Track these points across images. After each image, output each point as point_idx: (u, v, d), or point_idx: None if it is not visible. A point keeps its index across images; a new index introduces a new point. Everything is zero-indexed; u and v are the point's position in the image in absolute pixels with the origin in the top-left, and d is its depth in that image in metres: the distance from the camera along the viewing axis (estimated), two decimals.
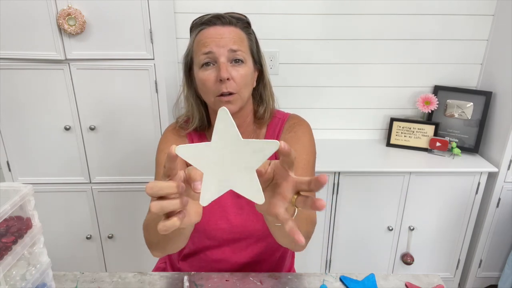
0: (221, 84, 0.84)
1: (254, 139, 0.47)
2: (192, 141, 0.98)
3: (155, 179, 1.00)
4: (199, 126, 0.97)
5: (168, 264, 1.10)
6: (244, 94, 0.88)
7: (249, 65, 0.89)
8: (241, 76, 0.86)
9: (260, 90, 0.97)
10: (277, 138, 0.97)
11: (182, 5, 1.77)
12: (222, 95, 0.85)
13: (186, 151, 0.48)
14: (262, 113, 0.97)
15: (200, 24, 0.88)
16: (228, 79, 0.84)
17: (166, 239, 0.72)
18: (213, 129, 0.48)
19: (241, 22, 0.90)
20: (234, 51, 0.85)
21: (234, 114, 0.89)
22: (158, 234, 0.72)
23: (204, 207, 0.52)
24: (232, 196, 0.92)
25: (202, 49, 0.85)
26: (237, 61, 0.86)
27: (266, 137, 0.98)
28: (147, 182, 0.50)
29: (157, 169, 0.98)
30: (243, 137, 0.47)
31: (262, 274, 0.91)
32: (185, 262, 1.03)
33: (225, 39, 0.84)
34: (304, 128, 0.98)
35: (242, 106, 0.90)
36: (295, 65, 1.88)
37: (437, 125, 1.85)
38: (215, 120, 0.93)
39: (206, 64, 0.85)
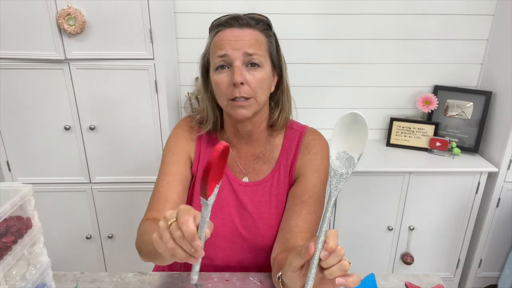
0: (234, 88, 0.81)
1: None
2: (200, 146, 0.95)
3: (159, 176, 0.93)
4: (212, 129, 0.94)
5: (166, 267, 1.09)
6: (260, 99, 0.84)
7: (266, 69, 0.84)
8: (257, 80, 0.82)
9: (278, 95, 0.93)
10: (295, 156, 0.92)
11: (182, 5, 1.77)
12: (235, 99, 0.82)
13: None
14: (275, 118, 0.92)
15: (218, 26, 0.85)
16: (242, 83, 0.80)
17: (158, 254, 0.67)
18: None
19: (261, 24, 0.86)
20: (250, 54, 0.81)
21: (247, 120, 0.86)
22: (149, 246, 0.73)
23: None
24: (237, 204, 0.91)
25: (217, 51, 0.82)
26: (253, 65, 0.82)
27: (282, 149, 0.93)
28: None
29: (162, 168, 0.93)
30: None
31: (262, 274, 0.91)
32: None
33: (241, 41, 0.81)
34: (322, 152, 0.92)
35: (257, 111, 0.86)
36: (295, 65, 1.88)
37: (437, 125, 1.85)
38: (228, 123, 0.93)
39: (221, 67, 0.82)
